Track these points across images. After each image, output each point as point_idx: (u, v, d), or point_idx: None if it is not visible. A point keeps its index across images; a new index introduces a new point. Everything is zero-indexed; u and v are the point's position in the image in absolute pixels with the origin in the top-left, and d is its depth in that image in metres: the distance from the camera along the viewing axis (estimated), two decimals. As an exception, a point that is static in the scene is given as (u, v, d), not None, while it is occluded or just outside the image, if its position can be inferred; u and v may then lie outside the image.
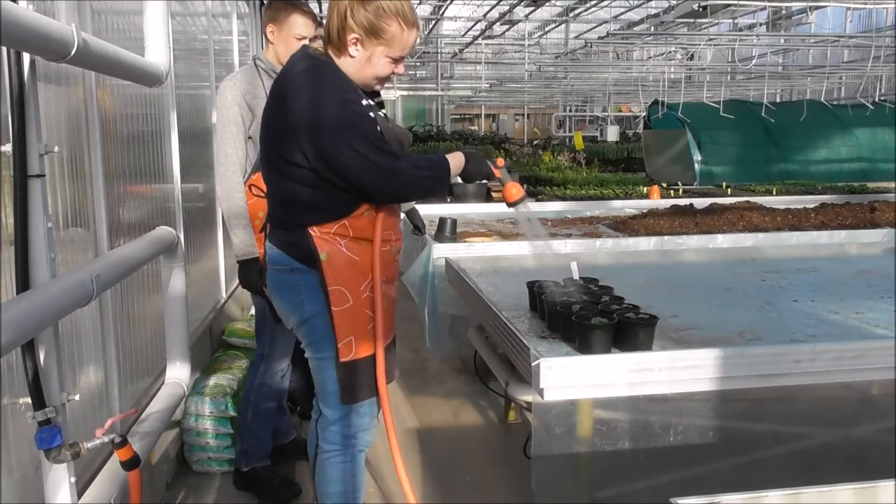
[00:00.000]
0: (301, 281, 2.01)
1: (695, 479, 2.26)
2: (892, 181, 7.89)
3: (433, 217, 4.15)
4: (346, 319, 2.01)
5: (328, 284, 1.98)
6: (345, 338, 2.01)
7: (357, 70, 2.00)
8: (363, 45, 1.96)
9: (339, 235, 1.99)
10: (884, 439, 2.32)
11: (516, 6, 9.37)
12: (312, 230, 1.98)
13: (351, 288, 2.00)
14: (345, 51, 1.98)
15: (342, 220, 1.99)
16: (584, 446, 2.12)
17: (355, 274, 2.01)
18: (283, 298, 2.10)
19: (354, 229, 2.00)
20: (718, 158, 8.81)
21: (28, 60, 1.69)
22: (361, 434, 2.16)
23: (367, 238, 2.02)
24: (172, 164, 3.25)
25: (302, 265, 2.00)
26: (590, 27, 13.90)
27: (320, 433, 2.18)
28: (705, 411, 2.21)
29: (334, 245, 1.98)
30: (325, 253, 1.98)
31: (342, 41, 1.96)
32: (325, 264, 1.97)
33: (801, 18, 11.72)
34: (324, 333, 2.02)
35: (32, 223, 1.72)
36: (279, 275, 2.07)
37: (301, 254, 1.99)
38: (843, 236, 4.10)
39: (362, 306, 2.03)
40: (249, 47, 5.66)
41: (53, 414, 1.78)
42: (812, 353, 1.97)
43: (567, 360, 1.90)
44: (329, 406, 2.13)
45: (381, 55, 1.98)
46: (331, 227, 1.98)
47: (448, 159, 2.09)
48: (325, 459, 2.17)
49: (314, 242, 1.98)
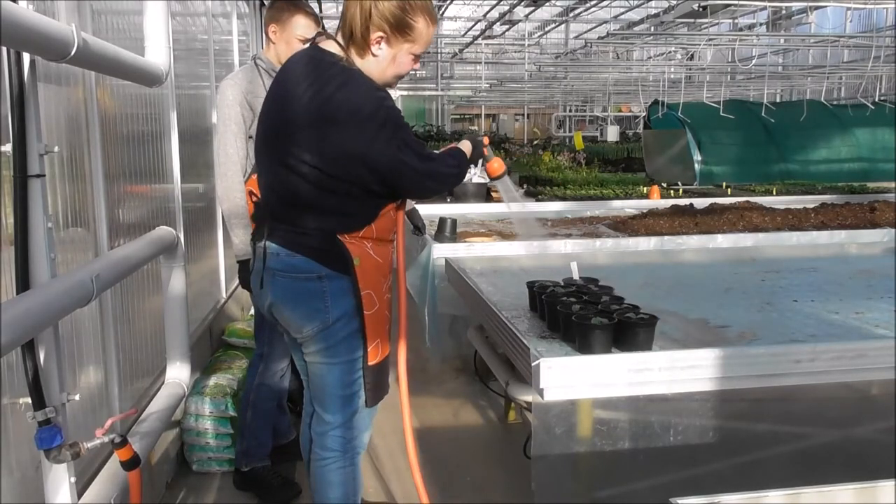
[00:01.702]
0: (327, 288, 1.96)
1: (695, 479, 2.26)
2: (892, 181, 7.89)
3: (433, 217, 4.14)
4: (375, 322, 2.01)
5: (361, 289, 1.96)
6: (374, 341, 2.01)
7: (381, 71, 1.95)
8: (389, 43, 1.91)
9: (366, 238, 1.98)
10: (884, 439, 2.32)
11: (516, 6, 9.36)
12: (343, 236, 1.94)
13: (377, 291, 2.01)
14: (368, 50, 1.91)
15: (371, 224, 1.98)
16: (584, 446, 2.12)
17: (379, 276, 2.02)
18: (303, 306, 1.99)
19: (379, 230, 2.00)
20: (718, 158, 8.80)
21: (28, 60, 1.69)
22: (361, 436, 2.16)
23: (387, 238, 2.04)
24: (172, 164, 3.25)
25: (332, 271, 1.95)
26: (590, 27, 13.90)
27: (317, 439, 2.15)
28: (705, 411, 2.21)
29: (363, 249, 1.97)
30: (358, 258, 1.95)
31: (366, 41, 1.90)
32: (358, 269, 1.95)
33: (801, 18, 11.72)
34: (343, 338, 1.99)
35: (32, 223, 1.72)
36: (299, 283, 1.97)
37: (332, 259, 1.94)
38: (843, 236, 4.09)
39: (384, 308, 2.05)
40: (249, 47, 5.66)
41: (53, 414, 1.78)
42: (812, 353, 1.97)
43: (567, 360, 1.90)
44: (332, 411, 2.10)
45: (407, 52, 1.94)
46: (359, 231, 1.97)
47: (463, 150, 2.18)
48: (323, 466, 2.14)
49: (347, 248, 1.94)
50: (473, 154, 2.25)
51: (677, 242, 3.85)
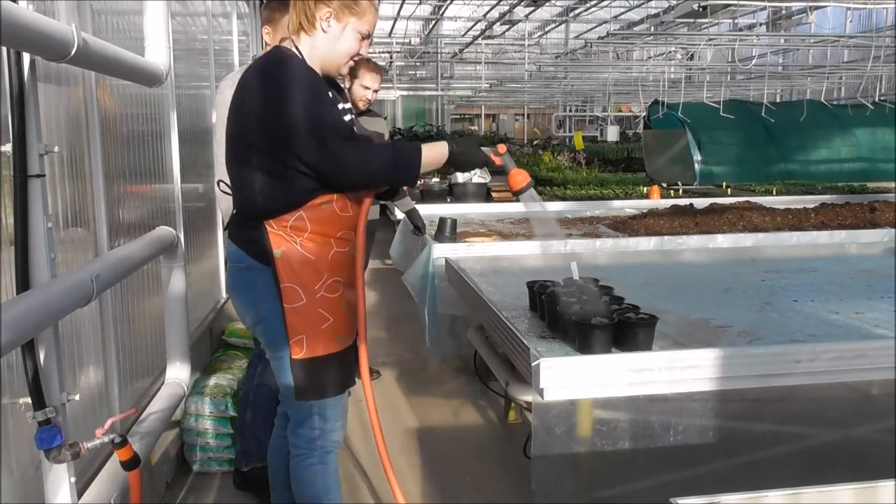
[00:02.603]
0: (257, 279, 2.00)
1: (695, 479, 2.27)
2: (892, 181, 7.89)
3: (433, 217, 4.15)
4: (298, 317, 2.00)
5: (281, 281, 1.98)
6: (295, 336, 2.01)
7: (329, 48, 2.00)
8: (337, 17, 1.98)
9: (296, 231, 1.97)
10: (884, 439, 2.32)
11: (516, 6, 9.36)
12: (269, 225, 1.96)
13: (305, 286, 1.99)
14: (315, 28, 1.99)
15: (298, 211, 1.96)
16: (584, 446, 2.12)
17: (310, 272, 2.00)
18: (240, 296, 2.10)
19: (312, 222, 1.98)
20: (718, 158, 8.79)
21: (28, 60, 1.69)
22: (328, 434, 2.15)
23: (325, 234, 2.00)
24: (172, 164, 3.25)
25: (257, 263, 1.99)
26: (590, 27, 13.89)
27: (289, 436, 2.19)
28: (705, 411, 2.21)
29: (289, 244, 1.97)
30: (280, 250, 1.97)
31: (312, 19, 1.98)
32: (278, 261, 1.97)
33: (801, 18, 11.72)
34: (279, 333, 2.02)
35: (32, 223, 1.72)
36: (237, 272, 2.07)
37: (256, 251, 1.99)
38: (843, 236, 4.09)
39: (316, 306, 2.01)
40: (249, 47, 5.66)
41: (53, 414, 1.78)
42: (812, 353, 1.97)
43: (567, 360, 1.90)
44: (289, 408, 2.15)
45: (353, 29, 2.01)
46: (287, 220, 1.96)
47: (424, 149, 2.00)
48: (294, 463, 2.18)
49: (269, 238, 1.97)
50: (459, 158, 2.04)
51: (677, 242, 3.86)
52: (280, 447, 2.33)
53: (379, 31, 13.78)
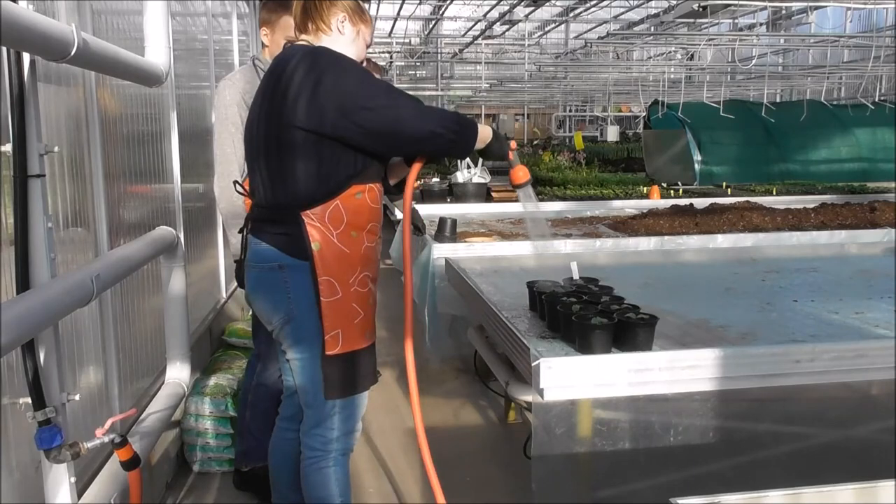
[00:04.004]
0: (289, 278, 1.99)
1: (695, 479, 2.26)
2: (892, 181, 7.89)
3: (433, 217, 4.15)
4: (334, 311, 1.99)
5: (318, 275, 1.96)
6: (332, 330, 2.00)
7: (345, 50, 2.04)
8: (351, 21, 2.03)
9: (333, 222, 1.97)
10: (884, 439, 2.31)
11: (516, 6, 9.36)
12: (306, 216, 1.96)
13: (340, 279, 1.99)
14: (331, 30, 2.02)
15: (335, 200, 1.96)
16: (584, 446, 2.11)
17: (345, 266, 2.00)
18: (267, 297, 2.07)
19: (348, 212, 1.98)
20: (718, 158, 8.80)
21: (28, 60, 1.69)
22: (345, 437, 2.14)
23: (358, 227, 2.01)
24: (172, 164, 3.26)
25: (292, 259, 1.97)
26: (590, 27, 13.90)
27: (302, 438, 2.16)
28: (705, 411, 2.21)
29: (326, 236, 1.96)
30: (318, 243, 1.96)
31: (327, 21, 2.02)
32: (316, 254, 1.96)
33: (801, 18, 11.71)
34: (311, 331, 2.00)
35: (32, 223, 1.72)
36: (264, 273, 2.04)
37: (292, 245, 1.97)
38: (843, 236, 4.09)
39: (350, 300, 2.01)
40: (249, 47, 5.66)
41: (53, 414, 1.78)
42: (812, 353, 1.97)
43: (567, 360, 1.90)
44: (309, 409, 2.12)
45: (363, 36, 2.07)
46: (325, 211, 1.96)
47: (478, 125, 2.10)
48: (307, 465, 2.15)
49: (306, 231, 1.95)
50: (494, 146, 2.12)
51: (677, 242, 3.85)
52: (282, 448, 2.32)
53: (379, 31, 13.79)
